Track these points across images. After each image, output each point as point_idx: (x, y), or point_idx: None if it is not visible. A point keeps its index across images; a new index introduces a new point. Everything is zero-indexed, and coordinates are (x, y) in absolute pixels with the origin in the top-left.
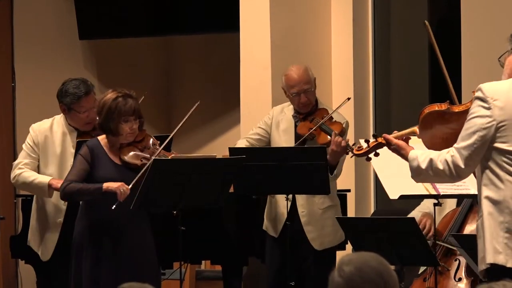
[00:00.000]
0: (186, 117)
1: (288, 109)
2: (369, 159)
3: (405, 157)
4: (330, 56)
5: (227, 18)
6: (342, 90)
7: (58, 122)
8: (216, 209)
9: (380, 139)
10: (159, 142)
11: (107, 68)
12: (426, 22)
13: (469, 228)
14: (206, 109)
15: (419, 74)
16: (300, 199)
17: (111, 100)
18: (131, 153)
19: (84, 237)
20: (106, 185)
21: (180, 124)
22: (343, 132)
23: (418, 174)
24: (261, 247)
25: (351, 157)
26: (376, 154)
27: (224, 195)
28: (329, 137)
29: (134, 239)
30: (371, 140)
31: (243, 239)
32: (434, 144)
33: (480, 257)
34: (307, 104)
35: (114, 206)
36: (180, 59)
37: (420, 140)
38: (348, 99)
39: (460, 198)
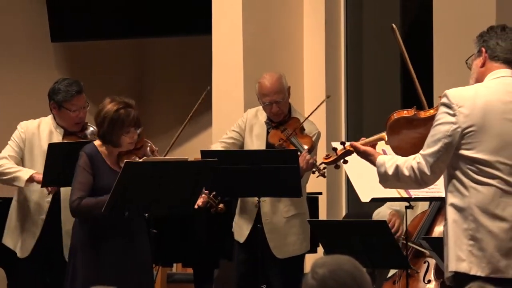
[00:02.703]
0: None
1: (261, 113)
2: (337, 166)
3: (373, 163)
4: (302, 59)
5: (199, 21)
6: (314, 93)
7: (46, 121)
8: (187, 212)
9: (348, 147)
10: (157, 149)
11: (80, 71)
12: (394, 26)
13: (438, 230)
14: (178, 111)
15: (391, 76)
16: (265, 206)
17: (112, 112)
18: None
19: (84, 241)
20: None
21: (182, 128)
22: (312, 147)
23: (385, 180)
24: (232, 249)
25: (317, 177)
26: (345, 162)
27: (195, 198)
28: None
29: (136, 247)
30: (339, 147)
31: (214, 242)
32: (402, 150)
33: (445, 265)
34: (278, 114)
35: (127, 212)
36: (153, 61)
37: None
38: (328, 97)
39: (432, 201)
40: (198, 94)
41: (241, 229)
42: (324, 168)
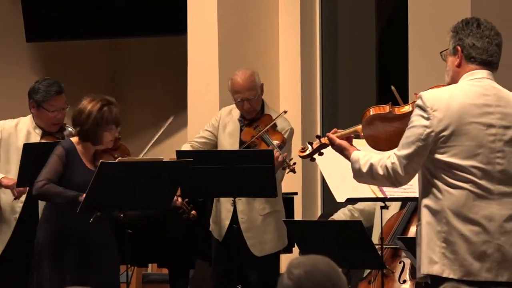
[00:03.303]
0: (159, 133)
1: (235, 111)
2: (313, 159)
3: (348, 157)
4: (277, 58)
5: (175, 21)
6: (290, 91)
7: (24, 121)
8: (163, 212)
9: (323, 140)
10: (132, 152)
11: (55, 71)
12: (393, 88)
13: (413, 230)
14: (153, 111)
15: (366, 73)
16: (240, 205)
17: (96, 110)
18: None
19: (49, 243)
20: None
21: (153, 140)
22: (284, 144)
23: (359, 176)
24: (208, 250)
25: (287, 172)
26: (321, 154)
27: (171, 198)
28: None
29: (102, 254)
30: (315, 141)
31: (190, 242)
32: (378, 144)
33: (417, 266)
34: (250, 111)
35: (92, 219)
36: (128, 61)
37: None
38: (285, 112)
39: (406, 201)
40: (173, 94)
41: (219, 228)
42: (294, 164)
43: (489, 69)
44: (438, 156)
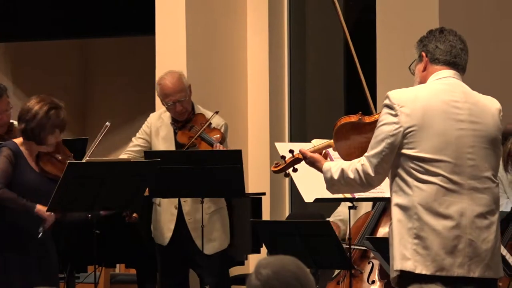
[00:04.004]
0: (97, 139)
1: (165, 115)
2: (287, 175)
3: (320, 169)
4: (245, 59)
5: (143, 21)
6: (258, 94)
7: None
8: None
9: (296, 154)
10: (73, 154)
11: (23, 71)
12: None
13: (382, 231)
14: (122, 112)
15: (335, 76)
16: (186, 206)
17: (44, 112)
18: (52, 163)
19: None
20: (39, 208)
21: (92, 148)
22: (223, 139)
23: (331, 185)
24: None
25: None
26: (295, 170)
27: (138, 198)
28: (210, 145)
29: (40, 251)
30: (288, 155)
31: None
32: (351, 155)
33: (390, 265)
34: (183, 113)
35: (40, 234)
36: (96, 62)
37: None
38: (216, 112)
39: (375, 201)
40: (141, 94)
41: (163, 232)
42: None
43: (454, 70)
44: (407, 151)
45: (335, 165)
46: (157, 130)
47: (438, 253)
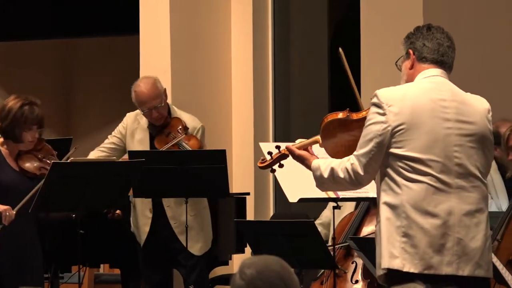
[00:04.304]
0: (68, 154)
1: (142, 117)
2: (273, 170)
3: (308, 166)
4: (230, 59)
5: (127, 21)
6: (242, 94)
7: None
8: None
9: (283, 150)
10: (56, 153)
11: (7, 71)
12: (340, 50)
13: (366, 231)
14: (106, 111)
15: (319, 76)
16: (169, 211)
17: (17, 107)
18: (30, 162)
19: None
20: None
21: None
22: (201, 147)
23: (321, 183)
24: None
25: None
26: (281, 166)
27: (123, 198)
28: None
29: (18, 243)
30: (274, 151)
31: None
32: (337, 153)
33: (377, 263)
34: (159, 119)
35: None
36: (80, 62)
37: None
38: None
39: (359, 201)
40: (125, 94)
41: (139, 233)
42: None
43: (442, 68)
44: (395, 150)
45: (324, 163)
46: (132, 133)
47: (426, 251)
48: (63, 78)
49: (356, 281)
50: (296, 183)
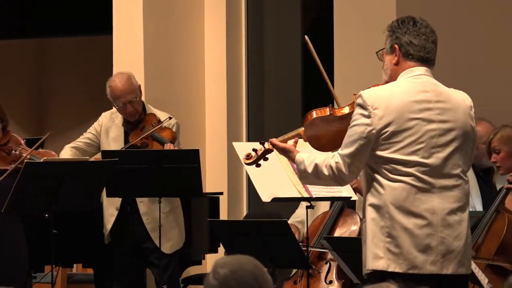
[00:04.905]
0: (37, 145)
1: (117, 115)
2: (259, 165)
3: (292, 159)
4: (203, 59)
5: (100, 21)
6: (215, 93)
7: None
8: (87, 212)
9: (267, 145)
10: (24, 140)
11: None
12: (306, 37)
13: (340, 231)
14: (79, 111)
15: (292, 75)
16: (143, 207)
17: None
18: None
19: None
20: None
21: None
22: (174, 138)
23: (304, 177)
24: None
25: None
26: (266, 159)
27: (96, 198)
28: (161, 145)
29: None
30: (259, 147)
31: (115, 242)
32: (321, 145)
33: (363, 262)
34: (133, 114)
35: None
36: (52, 61)
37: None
38: (170, 118)
39: (332, 200)
40: (98, 93)
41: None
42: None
43: (427, 66)
44: (380, 152)
45: (308, 157)
46: (107, 130)
47: (410, 251)
48: (35, 78)
49: (330, 282)
50: (269, 182)
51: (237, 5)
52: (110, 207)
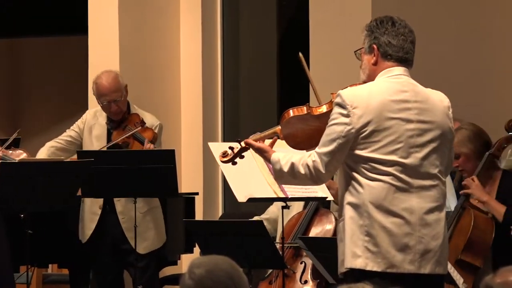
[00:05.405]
0: (6, 144)
1: (101, 114)
2: (235, 163)
3: (268, 159)
4: (179, 59)
5: (75, 21)
6: (191, 94)
7: None
8: (63, 212)
9: (244, 143)
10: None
11: None
12: (300, 55)
13: (315, 231)
14: (54, 112)
15: (268, 75)
16: (119, 205)
17: None
18: None
19: None
20: None
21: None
22: (155, 139)
23: (280, 177)
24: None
25: None
26: (242, 157)
27: (72, 198)
28: (142, 145)
29: None
30: (235, 145)
31: (90, 242)
32: (298, 143)
33: (340, 260)
34: (117, 113)
35: None
36: (26, 61)
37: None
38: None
39: (308, 200)
40: (74, 94)
41: (83, 230)
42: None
43: (405, 66)
44: (358, 152)
45: (284, 157)
46: (90, 128)
47: (389, 250)
48: (9, 79)
49: (305, 282)
50: (245, 183)
51: (212, 5)
52: (94, 206)
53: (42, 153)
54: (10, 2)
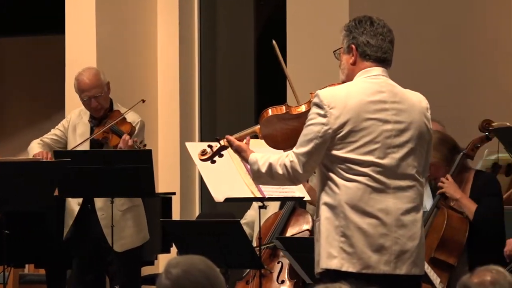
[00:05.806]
0: None
1: (85, 113)
2: (214, 162)
3: (246, 159)
4: (156, 58)
5: (52, 20)
6: (168, 93)
7: None
8: (39, 212)
9: (223, 142)
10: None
11: None
12: (274, 42)
13: (292, 231)
14: (31, 111)
15: (245, 74)
16: (99, 202)
17: None
18: None
19: None
20: None
21: None
22: (132, 132)
23: (258, 177)
24: (85, 249)
25: None
26: (221, 156)
27: (48, 198)
28: (119, 138)
29: None
30: (214, 144)
31: (67, 242)
32: (276, 143)
33: (316, 260)
34: (98, 109)
35: None
36: (3, 61)
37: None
38: (143, 101)
39: (284, 200)
40: (51, 94)
41: (64, 227)
42: (145, 145)
43: (383, 66)
44: (335, 152)
45: (262, 157)
46: (74, 127)
47: (364, 251)
48: None
49: (282, 281)
50: (222, 183)
51: (190, 5)
52: (72, 202)
53: (34, 150)
54: None
